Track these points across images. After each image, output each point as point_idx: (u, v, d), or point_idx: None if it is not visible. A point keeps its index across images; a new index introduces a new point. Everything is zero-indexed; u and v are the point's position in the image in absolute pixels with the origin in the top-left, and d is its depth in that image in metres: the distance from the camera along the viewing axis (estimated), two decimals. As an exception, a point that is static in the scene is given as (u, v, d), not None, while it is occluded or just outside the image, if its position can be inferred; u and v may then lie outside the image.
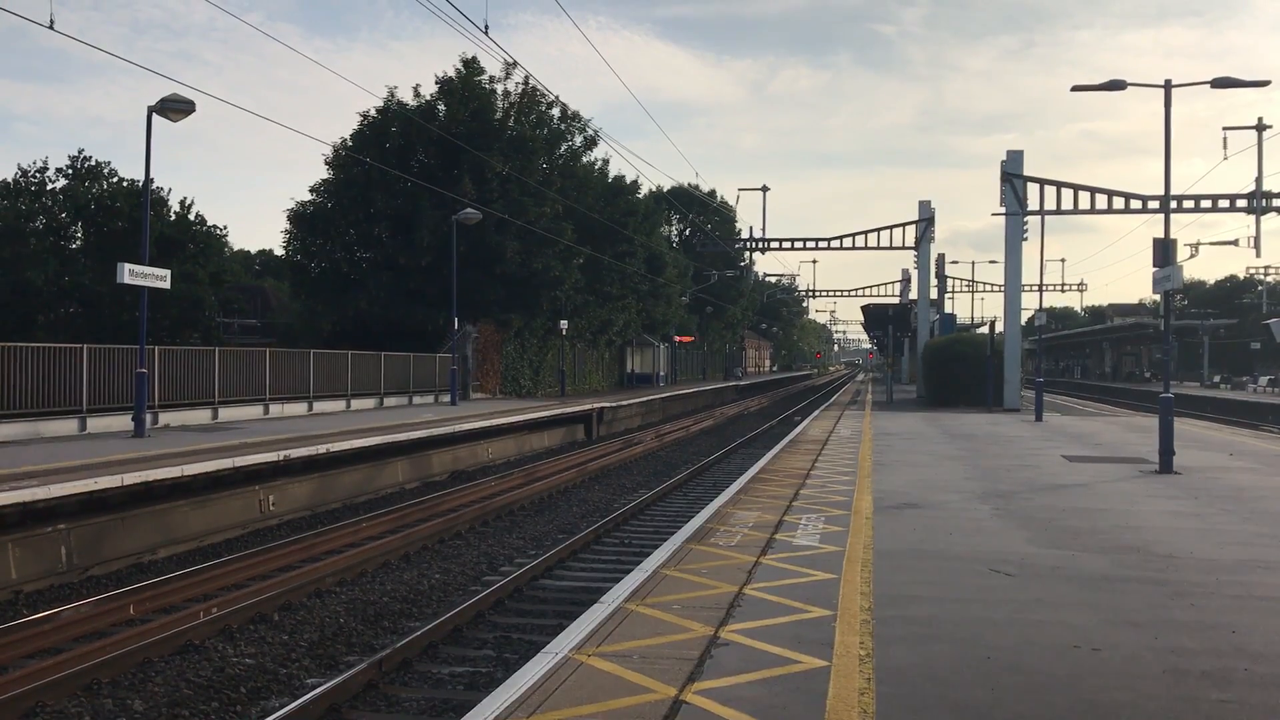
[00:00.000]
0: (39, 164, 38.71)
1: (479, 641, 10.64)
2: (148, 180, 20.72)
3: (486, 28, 21.47)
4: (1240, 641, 7.09)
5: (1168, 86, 18.23)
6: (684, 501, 20.39)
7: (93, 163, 39.15)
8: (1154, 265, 17.73)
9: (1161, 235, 18.31)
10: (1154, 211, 36.03)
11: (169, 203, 40.61)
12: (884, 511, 12.81)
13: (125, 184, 38.97)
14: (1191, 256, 51.80)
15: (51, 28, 14.35)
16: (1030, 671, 6.34)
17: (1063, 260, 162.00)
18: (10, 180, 38.49)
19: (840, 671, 6.23)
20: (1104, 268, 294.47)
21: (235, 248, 72.27)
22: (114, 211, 37.51)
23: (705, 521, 11.98)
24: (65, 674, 8.74)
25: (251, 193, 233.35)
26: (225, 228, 73.66)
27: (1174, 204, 37.49)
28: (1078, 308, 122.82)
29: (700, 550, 10.20)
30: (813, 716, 5.48)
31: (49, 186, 38.56)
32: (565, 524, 17.99)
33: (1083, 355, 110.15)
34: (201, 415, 23.63)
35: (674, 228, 74.03)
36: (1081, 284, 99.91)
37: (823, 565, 9.42)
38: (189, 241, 39.99)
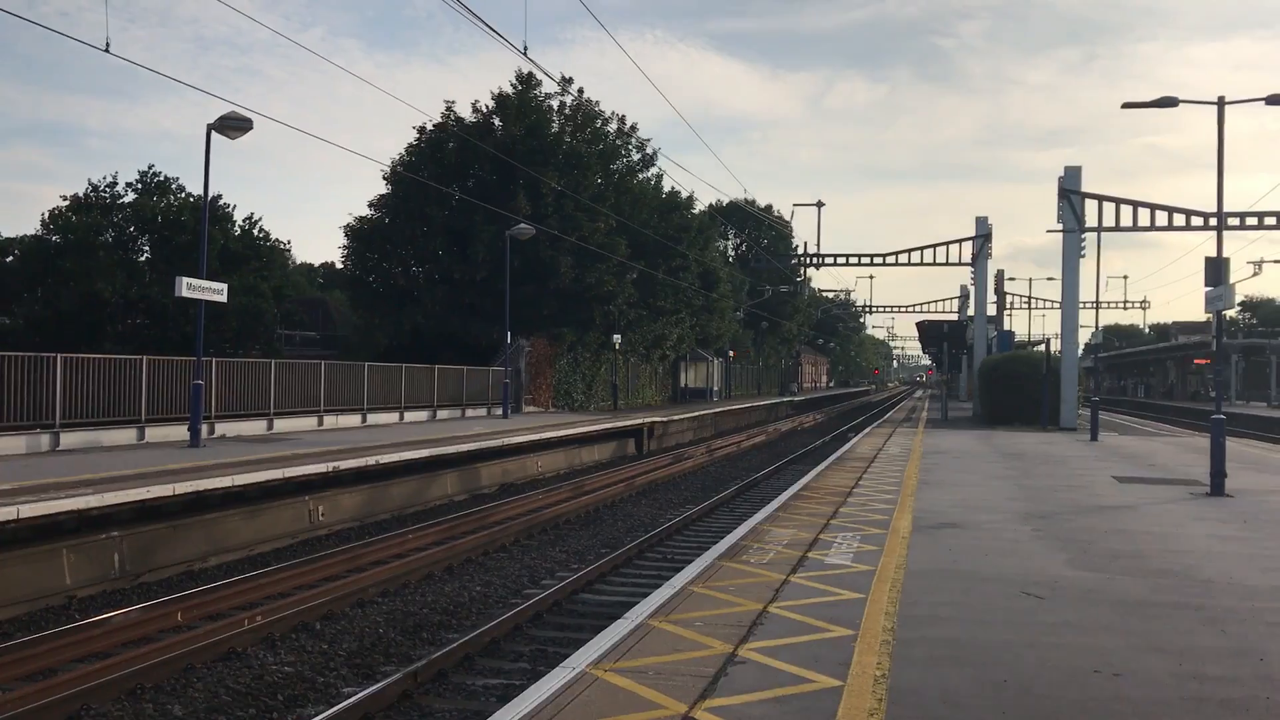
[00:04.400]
0: (109, 179, 39.86)
1: (515, 654, 10.78)
2: (206, 195, 21.30)
3: (525, 49, 21.66)
4: (1267, 670, 7.02)
5: (1221, 103, 18.00)
6: (730, 518, 20.41)
7: (160, 178, 40.22)
8: (1206, 284, 17.49)
9: (1224, 252, 18.09)
10: (1213, 228, 35.39)
11: (234, 218, 41.62)
12: (922, 531, 12.77)
13: (191, 198, 40.00)
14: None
15: (108, 51, 14.81)
16: (1044, 695, 6.34)
17: (1125, 277, 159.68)
18: (82, 195, 39.68)
19: (853, 691, 6.28)
20: (1168, 284, 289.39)
21: (299, 260, 73.78)
22: (180, 225, 38.50)
23: (739, 538, 12.04)
24: (111, 678, 9.02)
25: (317, 205, 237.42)
26: (289, 243, 75.25)
27: (1236, 220, 36.93)
28: (1142, 325, 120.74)
29: (731, 567, 10.27)
30: (819, 736, 5.54)
31: (119, 201, 39.69)
32: (609, 538, 18.10)
33: (1145, 374, 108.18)
34: (257, 426, 24.13)
35: (729, 243, 74.07)
36: (1144, 301, 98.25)
37: (851, 584, 9.45)
38: (252, 256, 40.93)
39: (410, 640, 11.28)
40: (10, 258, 39.70)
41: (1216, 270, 17.29)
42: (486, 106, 42.54)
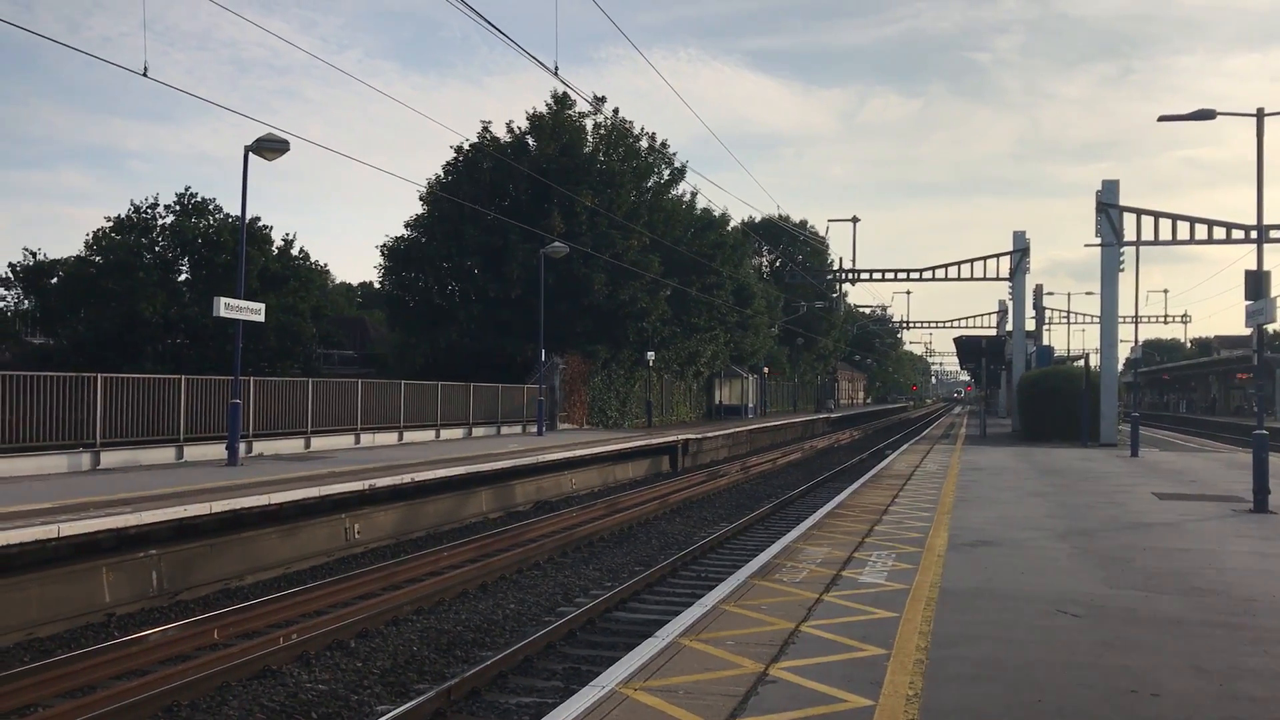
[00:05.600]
0: (150, 200, 40.45)
1: (548, 672, 10.77)
2: (244, 215, 21.55)
3: (556, 68, 21.83)
4: (1310, 690, 6.88)
5: (1260, 115, 17.80)
6: (764, 535, 20.31)
7: (199, 199, 40.77)
8: (1246, 298, 17.26)
9: (1266, 265, 17.88)
10: (1253, 241, 34.92)
11: (272, 239, 42.11)
12: (958, 549, 12.66)
13: (230, 219, 40.49)
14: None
15: (145, 75, 15.05)
16: (1078, 715, 6.26)
17: (1165, 291, 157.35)
18: (123, 216, 40.28)
19: (885, 711, 6.23)
20: (1209, 298, 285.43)
21: (338, 279, 74.46)
22: (219, 246, 38.98)
23: (773, 557, 11.99)
24: (147, 695, 9.10)
25: (356, 224, 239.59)
26: (326, 264, 75.86)
27: (1278, 233, 36.37)
28: (1183, 339, 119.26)
29: (763, 586, 10.22)
30: (850, 756, 5.50)
31: (159, 222, 40.26)
32: (643, 556, 18.07)
33: (1187, 389, 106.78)
34: (294, 444, 24.33)
35: (764, 259, 73.98)
36: (1185, 316, 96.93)
37: (885, 603, 9.38)
38: (291, 276, 41.36)
39: (444, 658, 11.31)
40: (55, 279, 40.34)
41: (1257, 284, 17.06)
42: (521, 127, 42.88)
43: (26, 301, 40.35)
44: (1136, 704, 6.51)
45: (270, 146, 19.81)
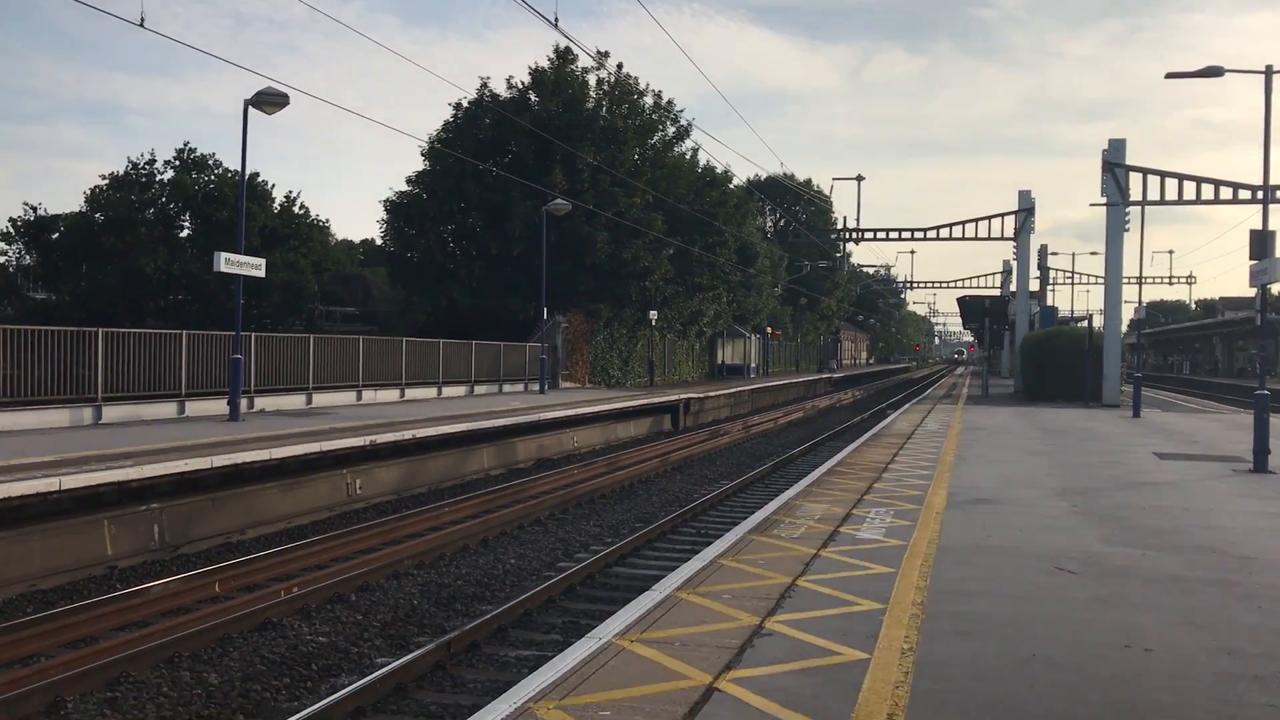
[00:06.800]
0: (148, 156, 40.22)
1: (547, 626, 10.83)
2: (244, 169, 21.45)
3: (556, 20, 21.64)
4: (1304, 646, 6.91)
5: (1269, 72, 17.63)
6: (764, 493, 20.35)
7: (198, 154, 40.54)
8: (1250, 258, 17.19)
9: (1271, 225, 17.78)
10: (1259, 202, 34.74)
11: (273, 196, 41.92)
12: (956, 506, 12.69)
13: (230, 175, 40.30)
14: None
15: (142, 25, 14.91)
16: (1073, 669, 6.28)
17: (1171, 252, 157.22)
18: (122, 172, 40.08)
19: (879, 664, 6.26)
20: (1214, 259, 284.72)
21: (340, 237, 74.24)
22: (220, 201, 38.83)
23: (772, 513, 12.02)
24: (149, 646, 9.16)
25: (357, 181, 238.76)
26: (327, 220, 75.65)
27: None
28: (1188, 301, 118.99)
29: (761, 541, 10.26)
30: (843, 707, 5.53)
31: (158, 178, 40.07)
32: (644, 513, 18.13)
33: (1191, 350, 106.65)
34: (296, 400, 24.37)
35: (768, 219, 73.67)
36: (1190, 277, 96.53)
37: (883, 559, 9.41)
38: (292, 234, 41.22)
39: (444, 612, 11.37)
40: (56, 235, 40.21)
41: (1262, 243, 16.98)
42: (522, 82, 42.55)
43: (28, 257, 40.24)
44: (1131, 659, 6.54)
45: (270, 100, 19.67)
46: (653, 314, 44.44)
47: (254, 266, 20.62)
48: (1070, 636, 7.03)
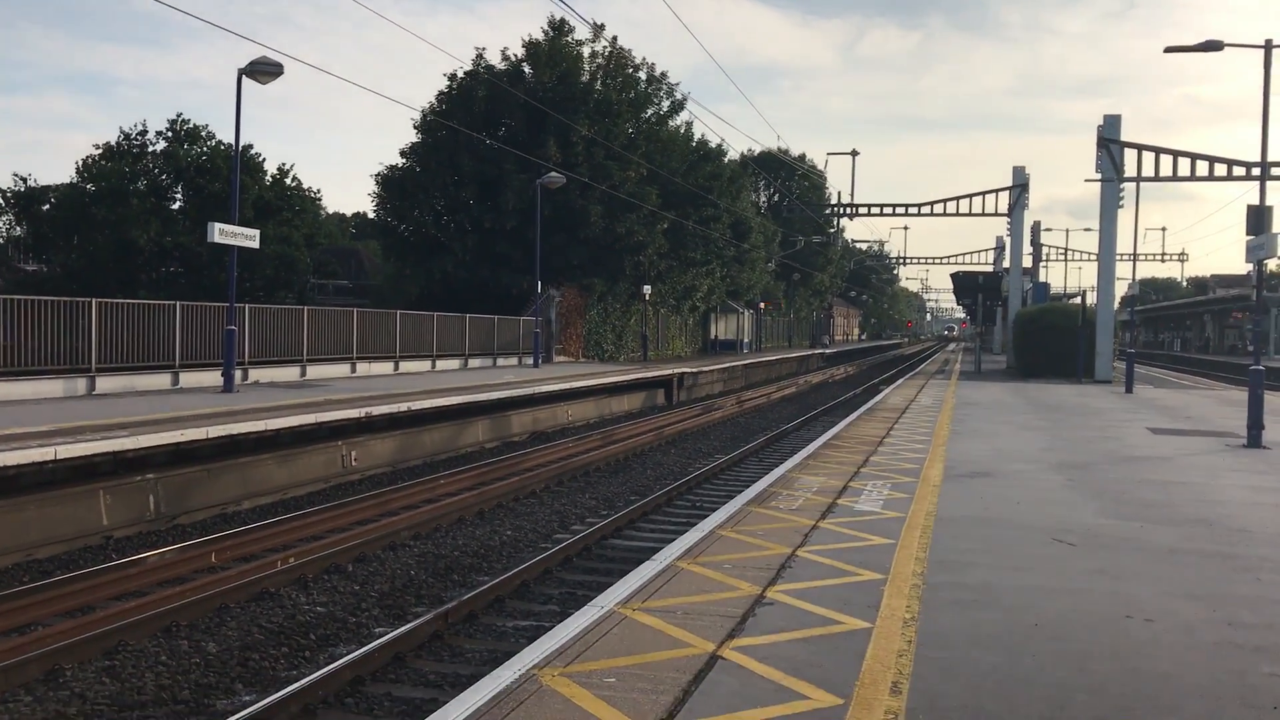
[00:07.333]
0: (139, 127, 39.95)
1: (545, 596, 10.84)
2: (238, 140, 21.35)
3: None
4: (1302, 617, 6.94)
5: (1267, 47, 17.57)
6: (759, 467, 20.38)
7: (190, 125, 40.27)
8: (1247, 233, 17.18)
9: (1267, 202, 17.76)
10: (1255, 179, 34.71)
11: (265, 169, 41.69)
12: (953, 479, 12.71)
13: (223, 146, 40.05)
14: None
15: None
16: (1076, 640, 6.30)
17: (1163, 229, 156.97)
18: (113, 143, 39.82)
19: (882, 633, 6.26)
20: (1206, 236, 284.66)
21: (332, 210, 73.98)
22: (212, 173, 38.62)
23: (769, 485, 12.03)
24: (146, 615, 9.15)
25: (349, 154, 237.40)
26: (319, 191, 75.27)
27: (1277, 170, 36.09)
28: (1180, 278, 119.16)
29: (760, 513, 10.26)
30: (847, 675, 5.53)
31: (150, 149, 39.81)
32: (639, 486, 18.14)
33: (1183, 327, 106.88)
34: (290, 372, 24.31)
35: (762, 194, 73.47)
36: (1183, 254, 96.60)
37: (881, 530, 9.42)
38: (284, 206, 41.03)
39: (441, 582, 11.37)
40: (47, 205, 39.97)
41: (1259, 218, 16.97)
42: (517, 54, 42.28)
43: (18, 228, 40.02)
44: (1133, 629, 6.56)
45: (264, 70, 19.49)
46: (646, 288, 44.35)
47: (248, 238, 20.49)
48: (1071, 607, 7.04)
